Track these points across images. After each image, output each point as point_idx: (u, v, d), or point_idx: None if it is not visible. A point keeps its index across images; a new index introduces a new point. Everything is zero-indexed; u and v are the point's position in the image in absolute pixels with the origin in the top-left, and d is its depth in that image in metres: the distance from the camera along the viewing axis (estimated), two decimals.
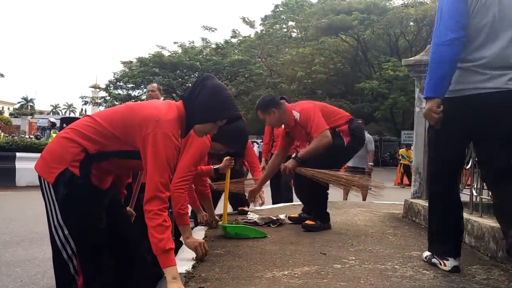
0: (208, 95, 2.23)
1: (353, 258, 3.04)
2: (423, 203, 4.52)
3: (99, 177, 2.16)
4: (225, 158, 3.85)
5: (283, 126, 4.41)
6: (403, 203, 5.12)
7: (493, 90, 2.46)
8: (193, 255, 2.95)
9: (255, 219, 4.30)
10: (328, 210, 4.12)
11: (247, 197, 4.54)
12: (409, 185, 5.09)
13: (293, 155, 4.04)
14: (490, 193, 3.41)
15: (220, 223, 3.94)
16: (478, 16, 2.51)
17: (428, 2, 32.25)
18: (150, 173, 2.08)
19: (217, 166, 3.95)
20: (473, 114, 2.51)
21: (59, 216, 2.07)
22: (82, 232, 2.11)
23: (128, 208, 2.67)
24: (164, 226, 2.06)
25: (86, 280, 2.12)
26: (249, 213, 4.63)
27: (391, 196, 6.64)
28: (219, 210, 4.41)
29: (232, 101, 2.32)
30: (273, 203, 6.16)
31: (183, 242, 3.10)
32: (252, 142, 5.45)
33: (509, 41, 2.49)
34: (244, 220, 4.33)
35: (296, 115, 4.12)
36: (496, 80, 2.47)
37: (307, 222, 3.90)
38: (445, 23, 2.55)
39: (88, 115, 2.26)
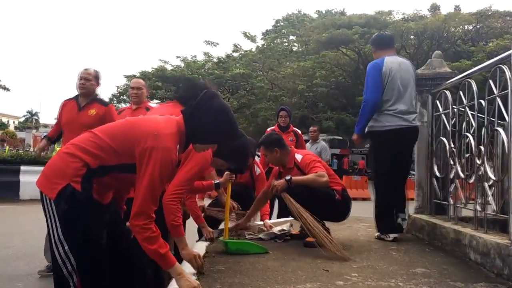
0: (214, 118, 2.25)
1: (356, 274, 2.99)
2: (426, 218, 4.48)
3: (100, 191, 2.15)
4: (225, 173, 3.82)
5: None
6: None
7: (405, 126, 4.30)
8: (194, 271, 2.91)
9: (260, 235, 4.26)
10: (329, 225, 4.08)
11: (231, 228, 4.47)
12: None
13: (286, 177, 3.97)
14: (494, 208, 3.39)
15: (221, 238, 3.90)
16: (391, 86, 4.34)
17: (428, 16, 32.45)
18: (142, 187, 2.08)
19: (218, 181, 3.91)
20: (395, 138, 4.28)
21: (60, 232, 2.05)
22: (82, 248, 2.08)
23: (128, 223, 2.64)
24: (153, 237, 2.12)
25: None
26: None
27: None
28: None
29: (235, 122, 2.38)
30: (278, 217, 6.09)
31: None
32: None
33: (409, 98, 4.39)
34: (250, 236, 4.28)
35: (298, 157, 4.16)
36: (406, 120, 4.31)
37: (308, 239, 3.85)
38: (371, 91, 4.40)
39: (89, 131, 2.24)
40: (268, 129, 6.78)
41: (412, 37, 32.92)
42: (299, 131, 6.90)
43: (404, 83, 4.36)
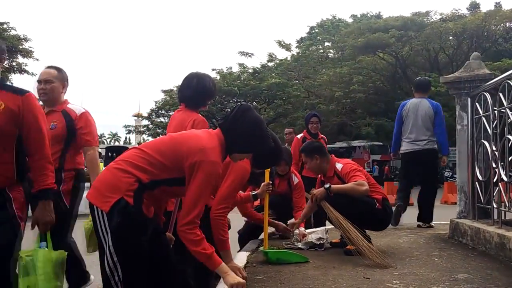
0: (250, 128, 2.42)
1: (397, 282, 2.97)
2: (469, 223, 4.39)
3: (148, 205, 2.28)
4: (262, 184, 3.86)
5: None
6: (448, 223, 4.98)
7: (417, 149, 5.95)
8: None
9: (299, 245, 4.27)
10: (370, 232, 4.06)
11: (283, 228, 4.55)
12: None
13: (325, 185, 3.98)
14: None
15: (261, 248, 3.93)
16: (407, 121, 6.06)
17: (467, 15, 31.72)
18: (190, 198, 2.24)
19: (255, 192, 3.95)
20: (411, 158, 6.04)
21: (111, 243, 2.15)
22: (130, 260, 2.19)
23: (167, 234, 2.73)
24: (197, 240, 2.27)
25: None
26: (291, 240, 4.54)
27: (438, 215, 6.45)
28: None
29: (268, 133, 2.55)
30: (315, 226, 6.08)
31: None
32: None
33: (421, 128, 5.95)
34: (288, 246, 4.30)
35: (339, 166, 4.17)
36: (417, 145, 5.94)
37: (348, 247, 3.84)
38: (395, 125, 6.34)
39: (136, 147, 2.40)
40: (298, 136, 6.58)
41: (451, 37, 32.20)
42: (326, 138, 6.79)
43: (419, 118, 5.97)
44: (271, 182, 3.93)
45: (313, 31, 44.53)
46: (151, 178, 2.23)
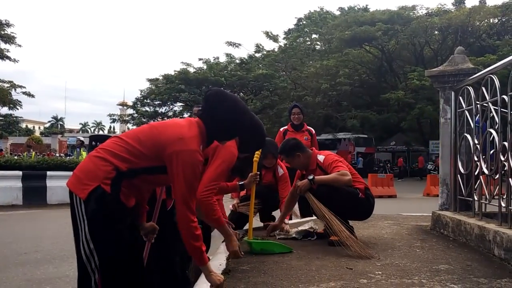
0: (229, 115, 2.41)
1: (380, 272, 3.01)
2: (451, 215, 4.46)
3: (127, 194, 2.26)
4: (249, 174, 3.87)
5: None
6: (430, 214, 5.05)
7: None
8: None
9: (294, 235, 4.30)
10: (353, 223, 4.10)
11: (267, 229, 4.52)
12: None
13: (309, 176, 4.00)
14: None
15: (245, 238, 3.95)
16: None
17: (452, 11, 31.94)
18: (179, 188, 2.23)
19: (242, 182, 3.97)
20: None
21: (87, 230, 2.15)
22: (106, 247, 2.18)
23: (151, 223, 2.73)
24: (198, 235, 2.29)
25: None
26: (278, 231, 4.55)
27: (420, 207, 6.56)
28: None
29: (248, 110, 2.55)
30: (302, 217, 6.11)
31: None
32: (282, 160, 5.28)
33: None
34: (282, 237, 4.32)
35: (321, 158, 4.18)
36: None
37: (332, 238, 3.88)
38: None
39: (116, 136, 2.39)
40: (281, 129, 6.47)
41: (436, 32, 32.47)
42: (313, 130, 6.49)
43: None
44: (258, 173, 3.95)
45: (301, 23, 44.52)
46: (129, 167, 2.23)
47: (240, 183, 3.97)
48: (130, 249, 2.29)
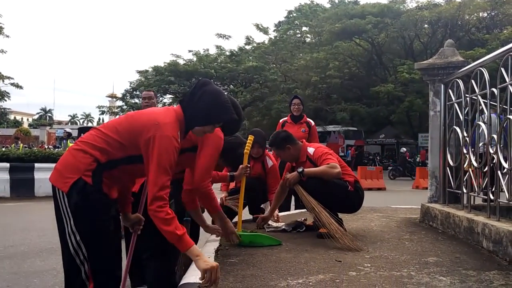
0: (209, 99, 2.40)
1: (369, 265, 3.01)
2: (440, 207, 4.47)
3: (109, 185, 2.27)
4: (240, 166, 3.86)
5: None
6: (420, 207, 5.06)
7: None
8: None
9: (283, 227, 4.29)
10: (343, 216, 4.10)
11: (257, 221, 4.51)
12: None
13: (298, 169, 3.99)
14: (507, 196, 3.38)
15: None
16: None
17: (442, 4, 32.02)
18: (151, 175, 2.22)
19: (233, 174, 3.95)
20: None
21: (72, 223, 2.16)
22: (92, 238, 2.19)
23: (136, 214, 2.74)
24: (168, 219, 2.20)
25: (97, 286, 2.20)
26: (269, 223, 4.54)
27: (409, 199, 6.58)
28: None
29: (230, 105, 2.50)
30: (296, 208, 6.11)
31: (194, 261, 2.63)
32: (270, 150, 5.24)
33: None
34: (271, 229, 4.31)
35: (311, 150, 4.18)
36: None
37: (321, 230, 3.87)
38: None
39: (95, 128, 2.40)
40: (281, 120, 6.64)
41: (426, 25, 32.52)
42: (312, 122, 6.65)
43: None
44: (249, 165, 3.94)
45: (291, 15, 44.42)
46: (108, 158, 2.24)
47: (231, 173, 3.96)
48: (115, 239, 2.32)
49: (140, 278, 3.37)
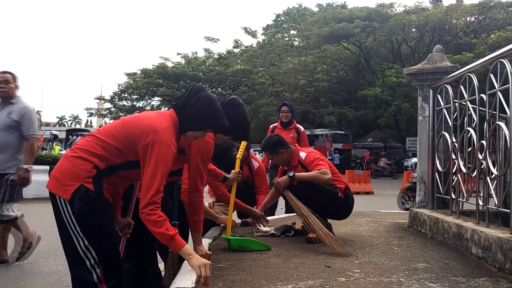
0: (203, 106, 2.46)
1: (358, 270, 2.99)
2: (428, 212, 4.47)
3: (108, 190, 2.33)
4: (233, 171, 3.86)
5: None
6: (408, 212, 5.06)
7: None
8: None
9: (272, 231, 4.27)
10: (331, 220, 4.09)
11: (259, 216, 4.49)
12: None
13: (289, 173, 3.97)
14: (496, 202, 3.39)
15: (223, 235, 3.91)
16: None
17: (430, 8, 32.32)
18: (148, 179, 2.25)
19: (227, 175, 3.93)
20: None
21: (78, 229, 2.20)
22: (100, 241, 2.25)
23: (126, 218, 2.75)
24: (160, 221, 2.26)
25: (110, 286, 2.25)
26: (258, 227, 4.52)
27: (396, 204, 6.59)
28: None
29: (222, 112, 2.57)
30: (286, 212, 6.07)
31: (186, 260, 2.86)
32: (254, 151, 5.24)
33: None
34: (260, 234, 4.28)
35: (303, 154, 4.16)
36: None
37: (310, 235, 3.85)
38: None
39: (90, 134, 2.42)
40: (271, 126, 6.66)
41: (413, 29, 32.79)
42: (302, 128, 6.57)
43: None
44: (241, 171, 3.93)
45: (279, 19, 44.57)
46: (107, 164, 2.28)
47: (226, 174, 3.95)
48: (118, 241, 2.46)
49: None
